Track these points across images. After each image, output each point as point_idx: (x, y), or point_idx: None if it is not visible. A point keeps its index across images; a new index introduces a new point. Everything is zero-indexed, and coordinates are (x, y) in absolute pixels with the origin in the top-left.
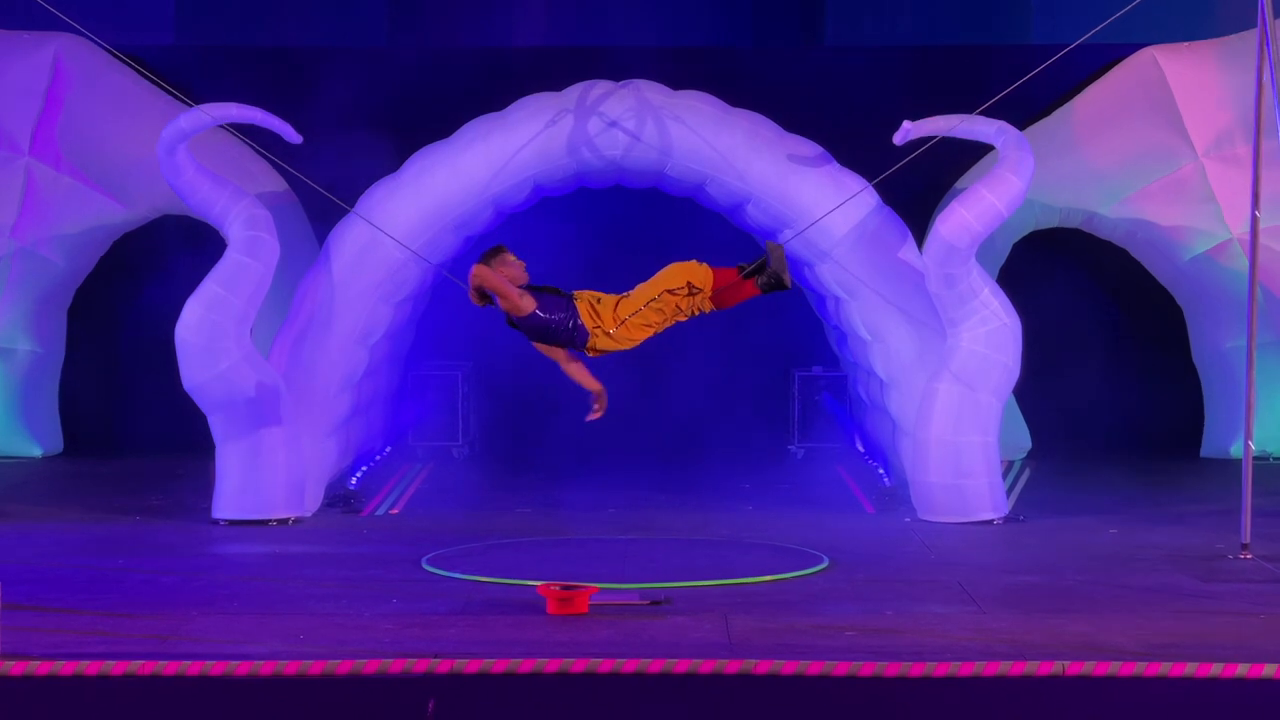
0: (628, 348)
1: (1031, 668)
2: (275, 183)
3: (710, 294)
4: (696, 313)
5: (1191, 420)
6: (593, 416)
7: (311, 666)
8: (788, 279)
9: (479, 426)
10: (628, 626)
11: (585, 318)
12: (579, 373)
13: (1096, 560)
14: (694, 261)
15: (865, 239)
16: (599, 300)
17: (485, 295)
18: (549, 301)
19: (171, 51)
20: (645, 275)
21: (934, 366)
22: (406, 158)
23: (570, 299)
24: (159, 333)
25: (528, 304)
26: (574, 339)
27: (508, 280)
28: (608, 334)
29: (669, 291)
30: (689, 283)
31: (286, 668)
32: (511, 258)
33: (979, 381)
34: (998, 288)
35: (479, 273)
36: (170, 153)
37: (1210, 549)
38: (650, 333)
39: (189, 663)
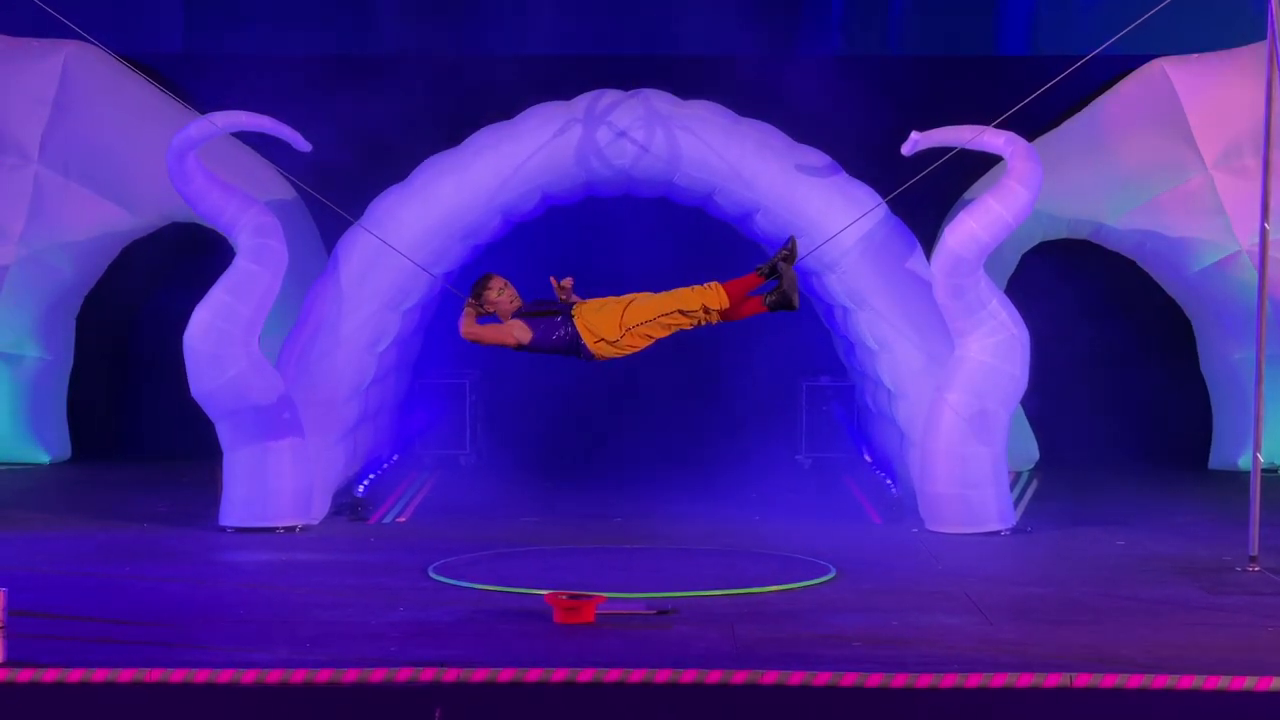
0: (630, 354)
1: (1039, 679)
2: (284, 190)
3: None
4: (702, 324)
5: (1200, 432)
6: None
7: (318, 674)
8: (795, 300)
9: (486, 435)
10: (634, 636)
11: (584, 333)
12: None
13: (1104, 572)
14: (711, 285)
15: (873, 249)
16: (600, 308)
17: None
18: (545, 325)
19: (180, 59)
20: (653, 284)
21: (942, 377)
22: (414, 166)
23: (568, 315)
24: (167, 340)
25: (523, 335)
26: (577, 352)
27: (498, 312)
28: (611, 343)
29: (682, 312)
30: (704, 305)
31: (293, 675)
32: (497, 286)
33: (987, 392)
34: (1006, 298)
35: (471, 333)
36: (179, 160)
37: (1218, 561)
38: (651, 343)
39: (196, 670)
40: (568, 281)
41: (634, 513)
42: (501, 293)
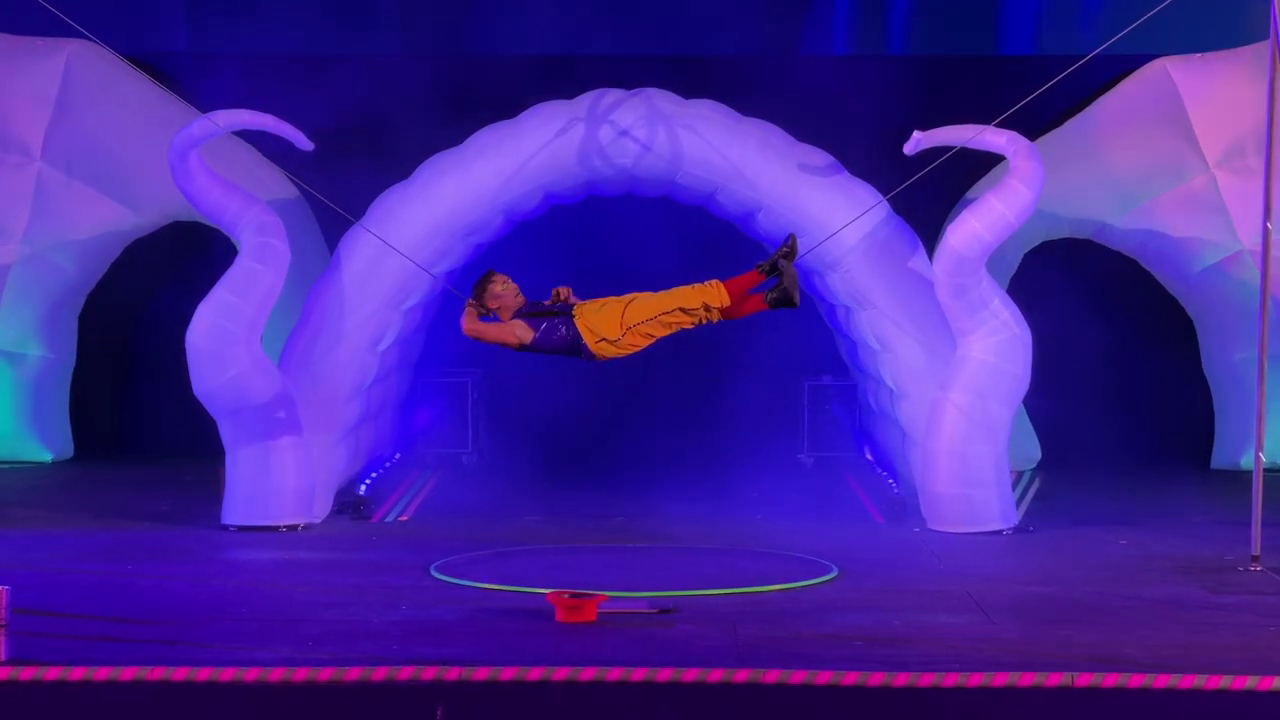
0: (632, 353)
1: (1040, 678)
2: (286, 189)
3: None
4: (704, 322)
5: (1202, 432)
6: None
7: (320, 673)
8: (796, 297)
9: (488, 434)
10: (636, 635)
11: (585, 333)
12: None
13: (1106, 571)
14: (712, 283)
15: (875, 249)
16: (600, 309)
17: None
18: (548, 326)
19: (183, 58)
20: (655, 283)
21: (944, 376)
22: (417, 165)
23: (569, 316)
24: (169, 338)
25: (526, 334)
26: (578, 352)
27: (500, 310)
28: (613, 343)
29: (683, 310)
30: (705, 303)
31: (295, 674)
32: (500, 286)
33: (989, 392)
34: (1008, 298)
35: (473, 330)
36: (182, 159)
37: (1220, 560)
38: (652, 342)
39: (198, 668)
40: (565, 291)
41: (636, 512)
42: (505, 287)
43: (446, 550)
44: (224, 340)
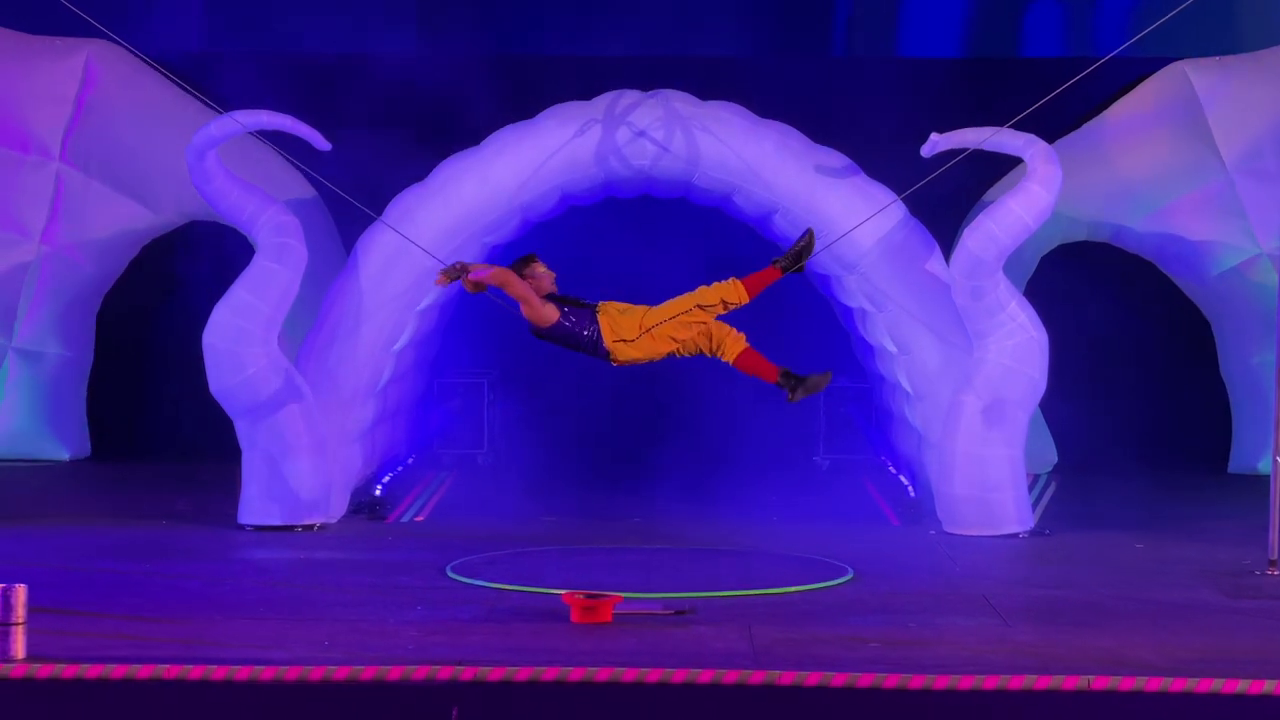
0: (651, 358)
1: (1056, 682)
2: (303, 189)
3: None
4: (725, 310)
5: (1219, 435)
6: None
7: (336, 672)
8: (805, 259)
9: (504, 434)
10: (651, 636)
11: (605, 330)
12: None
13: (1122, 574)
14: (729, 281)
15: (892, 251)
16: (624, 311)
17: (480, 284)
18: (572, 312)
19: (201, 58)
20: (673, 285)
21: (960, 379)
22: (434, 166)
23: (594, 311)
24: (187, 338)
25: (551, 314)
26: (595, 350)
27: (532, 290)
28: (629, 343)
29: (700, 307)
30: (723, 300)
31: (311, 673)
32: (541, 268)
33: (1005, 394)
34: (1025, 301)
35: (500, 276)
36: (200, 159)
37: (1237, 564)
38: (674, 347)
39: (214, 667)
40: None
41: (651, 513)
42: (544, 270)
43: (462, 550)
44: (241, 340)
